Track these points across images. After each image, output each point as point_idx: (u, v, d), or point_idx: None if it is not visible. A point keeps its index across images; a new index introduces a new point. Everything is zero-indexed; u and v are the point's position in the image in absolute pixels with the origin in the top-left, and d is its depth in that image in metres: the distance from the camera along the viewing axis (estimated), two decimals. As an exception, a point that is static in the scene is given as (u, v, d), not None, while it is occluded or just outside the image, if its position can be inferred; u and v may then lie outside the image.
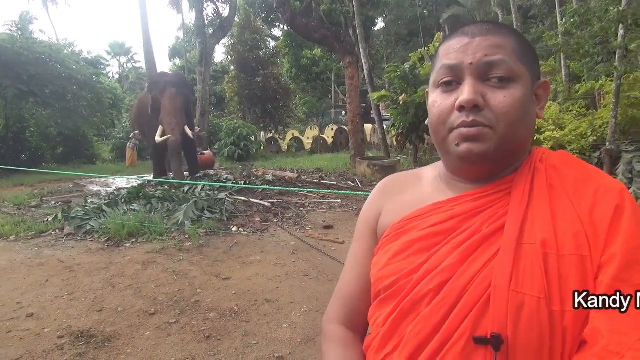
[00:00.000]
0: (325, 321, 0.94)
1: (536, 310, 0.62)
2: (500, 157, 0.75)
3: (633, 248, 0.63)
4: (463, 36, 0.77)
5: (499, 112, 0.72)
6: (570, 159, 0.78)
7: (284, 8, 10.60)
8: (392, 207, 0.89)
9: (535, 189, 0.73)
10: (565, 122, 7.46)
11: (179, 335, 2.99)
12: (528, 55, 0.77)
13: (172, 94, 8.35)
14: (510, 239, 0.68)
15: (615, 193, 0.68)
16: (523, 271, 0.65)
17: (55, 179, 11.05)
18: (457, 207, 0.77)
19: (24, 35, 18.28)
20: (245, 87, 22.25)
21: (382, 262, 0.81)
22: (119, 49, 44.02)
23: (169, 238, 5.23)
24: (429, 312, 0.69)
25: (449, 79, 0.77)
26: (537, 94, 0.80)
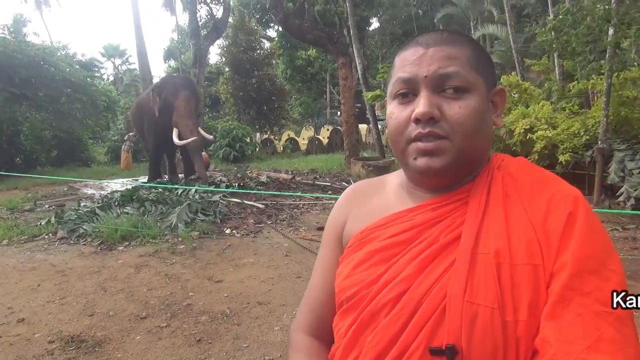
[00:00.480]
0: (292, 329, 0.95)
1: (490, 320, 0.63)
2: (459, 168, 0.76)
3: (584, 256, 0.63)
4: (417, 46, 0.77)
5: (455, 123, 0.73)
6: (527, 166, 0.78)
7: (277, 9, 10.61)
8: (356, 214, 0.90)
9: (492, 198, 0.73)
10: (558, 121, 7.48)
11: (169, 339, 2.99)
12: (483, 64, 0.78)
13: (187, 97, 8.47)
14: (466, 249, 0.68)
15: (569, 200, 0.68)
16: (477, 281, 0.65)
17: (49, 182, 11.01)
18: (416, 217, 0.78)
19: (17, 38, 18.22)
20: (240, 89, 22.21)
21: (345, 273, 0.81)
22: (113, 51, 43.88)
23: (162, 241, 5.23)
24: (387, 322, 0.70)
25: (404, 91, 0.77)
26: (493, 102, 0.81)
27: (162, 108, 8.51)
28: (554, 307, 0.61)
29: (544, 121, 7.39)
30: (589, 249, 0.64)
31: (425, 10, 31.70)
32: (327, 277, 0.90)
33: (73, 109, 15.14)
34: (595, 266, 0.63)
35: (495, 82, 0.82)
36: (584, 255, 0.63)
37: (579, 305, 0.61)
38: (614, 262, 0.64)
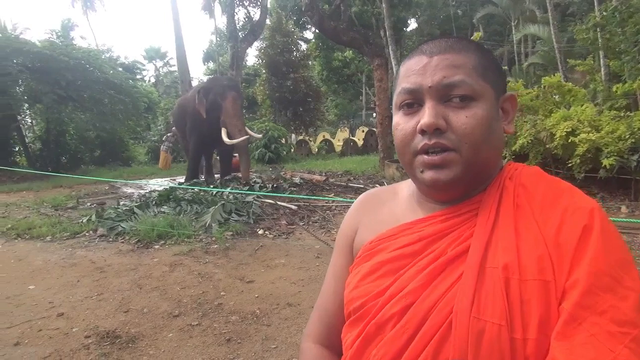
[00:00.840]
0: (303, 338, 0.94)
1: (497, 337, 0.60)
2: (468, 180, 0.74)
3: (598, 272, 0.60)
4: (422, 55, 0.75)
5: (462, 134, 0.71)
6: (541, 176, 0.75)
7: (313, 11, 10.65)
8: (367, 224, 0.89)
9: (502, 210, 0.71)
10: (602, 124, 7.19)
11: (200, 338, 3.04)
12: (491, 70, 0.76)
13: (234, 97, 8.78)
14: (474, 262, 0.66)
15: (584, 213, 0.65)
16: (485, 297, 0.63)
17: (92, 180, 11.41)
18: (425, 229, 0.76)
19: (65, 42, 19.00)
20: (276, 90, 22.44)
21: (353, 283, 0.80)
22: (155, 53, 45.15)
23: (196, 240, 5.33)
24: (392, 336, 0.69)
25: (409, 101, 0.75)
26: (503, 108, 0.78)
27: (209, 109, 8.71)
28: (566, 327, 0.58)
29: (587, 124, 7.12)
30: (604, 265, 0.60)
31: (464, 10, 31.20)
32: (338, 286, 0.90)
33: (115, 110, 15.69)
34: (610, 283, 0.59)
35: (505, 88, 0.79)
36: (598, 271, 0.60)
37: (592, 325, 0.57)
38: (633, 278, 0.60)
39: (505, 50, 27.35)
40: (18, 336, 3.07)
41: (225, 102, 8.68)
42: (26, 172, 12.32)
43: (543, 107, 8.37)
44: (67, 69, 13.31)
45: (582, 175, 7.13)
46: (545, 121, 7.75)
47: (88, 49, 17.71)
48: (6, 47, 12.91)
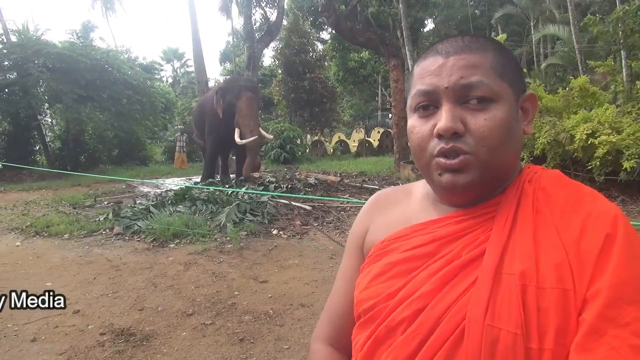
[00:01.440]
0: (312, 339, 0.93)
1: (512, 346, 0.58)
2: (486, 183, 0.71)
3: (622, 283, 0.57)
4: (437, 55, 0.73)
5: (480, 137, 0.68)
6: (562, 180, 0.72)
7: (329, 12, 10.65)
8: (379, 224, 0.87)
9: (520, 214, 0.68)
10: (623, 126, 7.05)
11: (213, 337, 3.05)
12: (509, 70, 0.72)
13: (249, 98, 8.84)
14: (489, 268, 0.64)
15: (607, 220, 0.62)
16: (500, 304, 0.61)
17: (109, 179, 11.56)
18: (438, 230, 0.74)
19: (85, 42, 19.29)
20: (292, 91, 22.47)
21: (363, 284, 0.78)
22: (173, 54, 45.60)
23: (211, 240, 5.35)
24: (402, 341, 0.67)
25: (425, 103, 0.73)
26: (523, 108, 0.75)
27: (226, 109, 8.80)
28: (586, 339, 0.56)
29: (608, 125, 6.98)
30: (628, 275, 0.57)
31: (482, 10, 30.89)
32: (348, 286, 0.88)
33: (133, 110, 15.89)
34: (634, 295, 0.56)
35: (524, 87, 0.76)
36: (621, 281, 0.57)
37: (614, 338, 0.55)
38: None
39: (524, 51, 26.99)
40: (35, 332, 3.12)
41: (239, 102, 8.77)
42: (45, 171, 12.52)
43: (566, 110, 8.24)
44: (87, 70, 13.52)
45: (602, 177, 7.00)
46: (564, 122, 7.62)
47: (107, 49, 17.96)
48: (28, 48, 13.18)
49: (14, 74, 13.77)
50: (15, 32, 15.39)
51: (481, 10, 31.01)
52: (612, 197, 7.15)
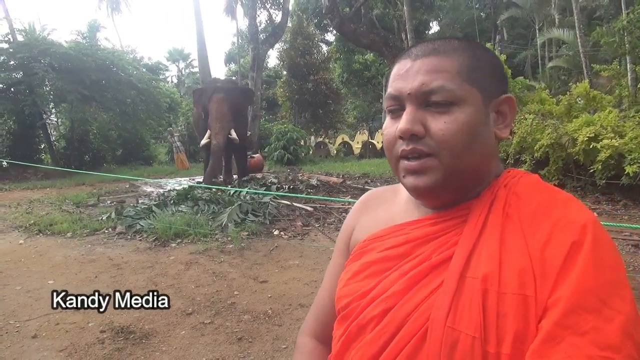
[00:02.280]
0: (299, 333, 0.96)
1: (470, 349, 0.59)
2: (450, 186, 0.71)
3: (584, 291, 0.56)
4: (407, 58, 0.74)
5: (440, 139, 0.68)
6: (538, 186, 0.71)
7: (333, 14, 10.68)
8: (365, 223, 0.89)
9: (491, 218, 0.68)
10: (626, 130, 7.04)
11: (212, 336, 3.07)
12: (479, 73, 0.72)
13: (219, 99, 8.74)
14: (455, 271, 0.65)
15: (576, 227, 0.61)
16: (462, 307, 0.62)
17: (113, 179, 11.62)
18: (413, 232, 0.75)
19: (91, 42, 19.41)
20: (296, 92, 22.54)
21: (343, 281, 0.81)
22: (178, 54, 45.75)
23: (213, 240, 5.38)
24: (370, 339, 0.69)
25: (393, 107, 0.75)
26: (499, 111, 0.75)
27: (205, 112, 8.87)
28: (542, 345, 0.56)
29: (610, 129, 6.98)
30: (590, 284, 0.57)
31: (488, 13, 30.85)
32: (333, 283, 0.90)
33: (137, 110, 15.95)
34: (595, 303, 0.56)
35: (501, 90, 0.76)
36: (583, 290, 0.56)
37: (571, 346, 0.54)
38: (622, 300, 0.57)
39: (528, 54, 26.96)
40: (36, 329, 3.15)
41: (210, 104, 8.81)
42: (50, 169, 12.61)
43: (568, 114, 8.24)
44: (92, 69, 13.60)
45: (604, 181, 6.99)
46: (567, 126, 7.62)
47: (112, 49, 18.07)
48: (34, 48, 13.27)
49: (20, 73, 13.88)
50: (21, 31, 15.50)
51: (486, 13, 30.97)
52: (614, 202, 7.14)
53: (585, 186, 7.77)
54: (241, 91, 9.90)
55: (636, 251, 4.76)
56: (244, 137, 10.11)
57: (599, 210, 6.74)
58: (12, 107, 13.97)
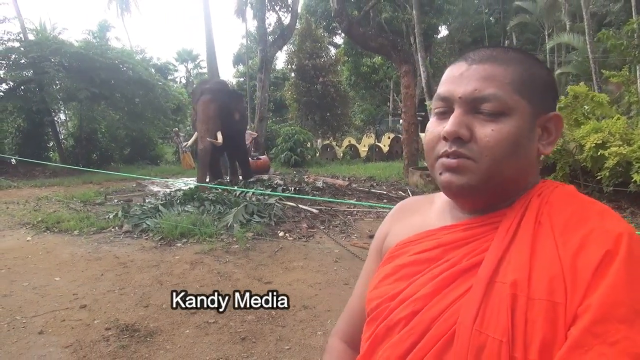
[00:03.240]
0: (331, 334, 0.98)
1: (496, 353, 0.59)
2: (485, 191, 0.72)
3: (616, 301, 0.56)
4: (463, 62, 0.75)
5: (484, 146, 0.69)
6: (573, 196, 0.72)
7: (342, 17, 10.70)
8: (398, 229, 0.90)
9: (523, 226, 0.69)
10: (635, 137, 7.00)
11: (216, 335, 3.09)
12: (532, 87, 0.72)
13: (205, 101, 8.65)
14: (484, 276, 0.65)
15: (610, 237, 0.61)
16: (490, 311, 0.62)
17: (120, 177, 11.70)
18: (444, 237, 0.76)
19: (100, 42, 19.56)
20: (304, 94, 22.55)
21: (374, 284, 0.82)
22: (187, 55, 45.95)
23: (218, 240, 5.40)
24: (397, 340, 0.70)
25: (442, 109, 0.76)
26: (545, 127, 0.75)
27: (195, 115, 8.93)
28: (569, 353, 0.56)
29: (618, 136, 6.94)
30: (623, 295, 0.56)
31: (497, 18, 30.81)
32: (365, 287, 0.91)
33: (146, 110, 16.04)
34: (628, 314, 0.55)
35: (550, 106, 0.76)
36: (615, 300, 0.56)
37: (599, 356, 0.54)
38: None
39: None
40: (42, 325, 3.19)
41: (197, 106, 8.78)
42: (58, 167, 12.72)
43: (568, 117, 8.19)
44: (102, 69, 13.72)
45: (611, 188, 6.95)
46: (574, 132, 7.58)
47: (122, 49, 18.23)
48: (45, 47, 13.40)
49: (30, 71, 14.01)
50: (32, 31, 15.65)
51: (496, 18, 30.94)
52: (621, 209, 7.10)
53: (592, 193, 7.73)
54: (230, 93, 9.68)
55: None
56: (242, 138, 10.07)
57: (606, 218, 6.70)
58: (21, 105, 14.10)
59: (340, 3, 10.84)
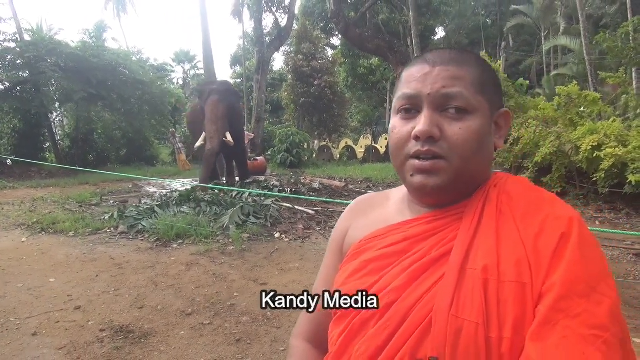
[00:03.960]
0: (292, 336, 0.97)
1: (474, 335, 0.62)
2: (454, 188, 0.76)
3: (574, 279, 0.61)
4: (424, 64, 0.78)
5: (453, 144, 0.73)
6: (526, 186, 0.77)
7: (338, 18, 10.71)
8: (358, 225, 0.92)
9: (485, 215, 0.73)
10: (630, 139, 7.03)
11: (211, 337, 3.08)
12: (489, 86, 0.78)
13: (214, 102, 8.66)
14: (455, 263, 0.68)
15: (563, 222, 0.67)
16: (464, 296, 0.65)
17: (116, 178, 11.67)
18: (410, 229, 0.79)
19: (97, 43, 19.52)
20: (301, 96, 22.57)
21: (340, 281, 0.83)
22: (184, 56, 45.84)
23: (214, 241, 5.40)
24: (374, 332, 0.71)
25: (407, 106, 0.78)
26: (497, 123, 0.80)
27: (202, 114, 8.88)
28: (540, 328, 0.60)
29: (614, 138, 6.97)
30: (580, 272, 0.62)
31: (494, 20, 30.87)
32: (327, 284, 0.92)
33: (142, 111, 16.02)
34: (585, 290, 0.61)
35: (501, 104, 0.82)
36: (574, 277, 0.61)
37: (565, 328, 0.59)
38: (608, 286, 0.62)
39: (534, 61, 26.96)
40: (36, 326, 3.17)
41: (206, 107, 8.77)
42: (54, 167, 12.68)
43: (563, 117, 8.23)
44: (98, 69, 13.69)
45: (607, 190, 6.98)
46: (570, 134, 7.61)
47: (118, 50, 18.18)
48: (42, 47, 13.36)
49: (26, 72, 13.96)
50: (28, 31, 15.60)
51: (492, 19, 30.98)
52: (617, 210, 7.12)
53: (588, 194, 7.76)
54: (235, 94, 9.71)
55: (637, 260, 4.74)
56: (242, 139, 10.05)
57: (602, 219, 6.73)
58: (18, 106, 14.05)
59: (337, 4, 10.85)
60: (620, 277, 4.24)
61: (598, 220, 6.68)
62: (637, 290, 3.82)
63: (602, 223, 6.50)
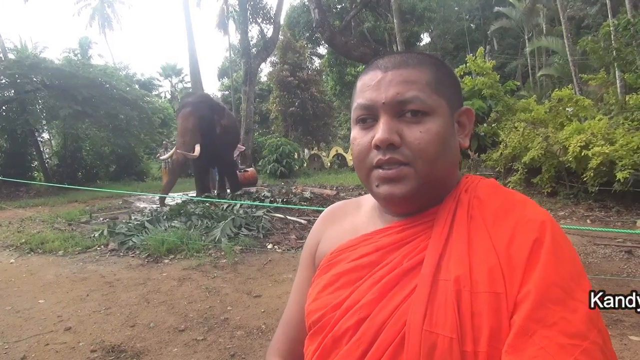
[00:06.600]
0: (267, 353, 0.94)
1: (448, 351, 0.60)
2: (423, 194, 0.73)
3: (549, 285, 0.59)
4: (377, 70, 0.76)
5: (416, 149, 0.71)
6: (496, 189, 0.75)
7: (323, 27, 10.74)
8: (329, 235, 0.89)
9: (456, 222, 0.70)
10: (617, 137, 7.09)
11: (204, 353, 3.03)
12: (445, 85, 0.76)
13: (183, 114, 8.65)
14: (427, 275, 0.66)
15: (534, 226, 0.65)
16: (437, 310, 0.63)
17: (106, 195, 11.56)
18: (381, 239, 0.76)
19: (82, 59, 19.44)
20: (288, 106, 22.60)
21: (313, 295, 0.80)
22: (171, 70, 45.80)
23: (206, 255, 5.34)
24: (347, 350, 0.68)
25: (364, 116, 0.76)
26: (459, 122, 0.79)
27: None
28: (516, 340, 0.58)
29: (601, 137, 7.03)
30: (554, 277, 0.60)
31: (477, 24, 31.24)
32: (301, 298, 0.89)
33: (131, 126, 15.93)
34: (560, 295, 0.59)
35: (461, 102, 0.80)
36: (549, 283, 0.59)
37: (543, 338, 0.57)
38: (583, 291, 0.61)
39: (519, 64, 27.27)
40: (25, 350, 3.10)
41: (177, 119, 8.82)
42: (43, 185, 12.54)
43: (553, 121, 8.29)
44: (84, 86, 13.59)
45: (597, 188, 7.02)
46: (558, 134, 7.67)
47: (104, 66, 18.16)
48: (25, 65, 13.26)
49: (11, 91, 13.84)
50: (12, 50, 15.50)
51: (477, 24, 31.35)
52: (607, 208, 7.17)
53: (578, 193, 7.81)
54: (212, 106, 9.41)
55: (629, 257, 4.76)
56: (227, 151, 9.90)
57: (592, 217, 6.77)
58: (3, 125, 13.91)
59: (322, 14, 10.89)
60: (613, 274, 4.26)
61: (589, 218, 6.71)
62: (631, 287, 3.82)
63: (593, 221, 6.54)
